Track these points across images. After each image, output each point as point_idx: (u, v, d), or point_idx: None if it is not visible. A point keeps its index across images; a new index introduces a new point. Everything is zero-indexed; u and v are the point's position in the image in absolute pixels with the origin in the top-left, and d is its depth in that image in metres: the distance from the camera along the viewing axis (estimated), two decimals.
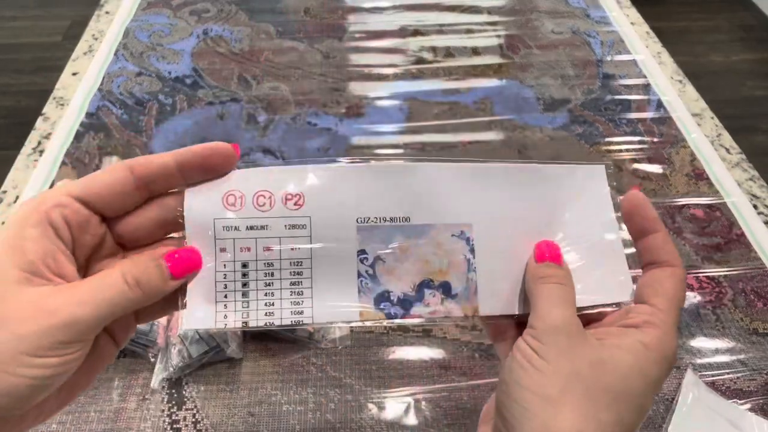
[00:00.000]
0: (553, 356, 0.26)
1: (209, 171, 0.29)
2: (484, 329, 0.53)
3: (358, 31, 0.88)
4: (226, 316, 0.28)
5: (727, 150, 0.72)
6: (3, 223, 0.56)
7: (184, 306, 0.28)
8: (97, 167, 0.67)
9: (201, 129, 0.72)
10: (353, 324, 0.29)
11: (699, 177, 0.68)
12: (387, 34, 0.88)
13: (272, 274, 0.29)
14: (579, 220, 0.32)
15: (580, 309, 0.29)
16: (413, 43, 0.86)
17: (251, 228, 0.29)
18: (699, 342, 0.53)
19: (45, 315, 0.23)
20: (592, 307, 0.31)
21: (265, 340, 0.52)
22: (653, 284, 0.30)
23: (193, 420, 0.47)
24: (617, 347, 0.27)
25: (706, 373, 0.51)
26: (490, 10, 0.94)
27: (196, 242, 0.28)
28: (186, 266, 0.28)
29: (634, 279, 0.32)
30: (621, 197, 0.32)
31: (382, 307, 0.29)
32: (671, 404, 0.49)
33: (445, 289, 0.30)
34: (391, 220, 0.30)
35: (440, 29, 0.89)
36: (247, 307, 0.29)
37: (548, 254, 0.31)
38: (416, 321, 0.30)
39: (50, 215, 0.25)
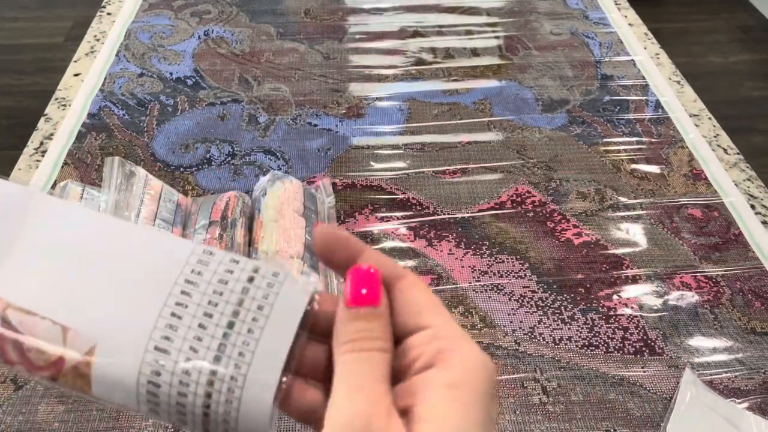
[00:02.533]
0: None
1: None
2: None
3: (359, 33, 0.89)
4: None
5: (725, 150, 0.72)
6: None
7: None
8: (99, 167, 0.67)
9: (202, 130, 0.72)
10: None
11: (697, 177, 0.68)
12: (387, 35, 0.88)
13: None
14: None
15: None
16: (413, 44, 0.87)
17: None
18: (697, 341, 0.53)
19: None
20: None
21: None
22: (408, 305, 0.23)
23: None
24: (426, 420, 0.20)
25: (705, 372, 0.51)
26: (489, 12, 0.94)
27: None
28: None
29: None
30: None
31: None
32: (670, 403, 0.49)
33: None
34: None
35: (440, 30, 0.90)
36: None
37: (366, 286, 0.23)
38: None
39: None
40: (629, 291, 0.57)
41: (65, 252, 0.24)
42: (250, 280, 0.23)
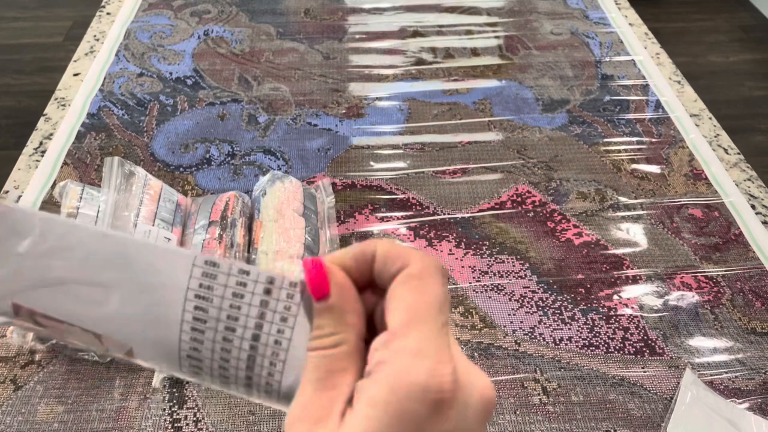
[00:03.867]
0: None
1: None
2: None
3: (358, 32, 0.89)
4: None
5: (726, 150, 0.72)
6: None
7: None
8: (98, 167, 0.67)
9: (202, 129, 0.72)
10: None
11: (697, 177, 0.68)
12: (387, 35, 0.88)
13: None
14: None
15: None
16: (413, 44, 0.87)
17: None
18: (697, 341, 0.53)
19: None
20: None
21: None
22: (391, 300, 0.22)
23: (194, 419, 0.47)
24: None
25: (705, 372, 0.51)
26: (489, 11, 0.94)
27: None
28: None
29: None
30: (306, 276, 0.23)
31: None
32: (670, 403, 0.49)
33: None
34: None
35: (440, 30, 0.90)
36: None
37: (309, 281, 0.22)
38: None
39: None
40: (629, 291, 0.57)
41: (70, 270, 0.24)
42: (267, 292, 0.23)
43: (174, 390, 0.49)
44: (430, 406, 0.19)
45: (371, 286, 0.23)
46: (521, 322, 0.54)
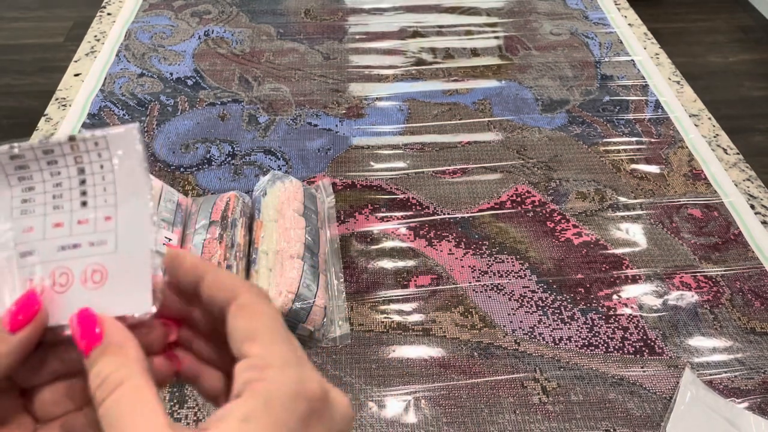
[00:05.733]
0: None
1: None
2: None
3: (358, 33, 0.89)
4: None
5: (725, 150, 0.72)
6: None
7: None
8: None
9: (202, 130, 0.72)
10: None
11: (697, 177, 0.68)
12: (387, 35, 0.88)
13: None
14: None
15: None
16: (413, 44, 0.87)
17: None
18: (697, 341, 0.53)
19: None
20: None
21: None
22: (235, 331, 0.22)
23: (195, 418, 0.47)
24: None
25: (704, 372, 0.51)
26: (489, 12, 0.94)
27: None
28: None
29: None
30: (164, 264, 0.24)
31: None
32: (669, 403, 0.49)
33: None
34: None
35: (440, 30, 0.90)
36: None
37: (81, 328, 0.22)
38: None
39: None
40: (629, 291, 0.57)
41: None
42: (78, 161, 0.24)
43: (174, 389, 0.49)
44: (304, 414, 0.20)
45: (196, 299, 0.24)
46: (521, 321, 0.54)
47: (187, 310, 0.25)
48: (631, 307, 0.56)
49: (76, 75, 0.80)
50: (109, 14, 0.91)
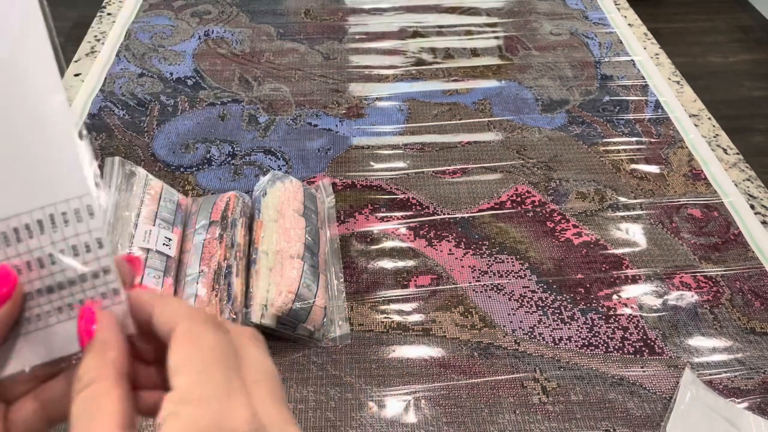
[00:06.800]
0: None
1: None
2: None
3: (358, 33, 0.89)
4: None
5: (725, 150, 0.72)
6: None
7: None
8: (99, 167, 0.67)
9: (202, 129, 0.72)
10: None
11: (696, 177, 0.68)
12: (387, 35, 0.89)
13: None
14: None
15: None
16: (413, 44, 0.87)
17: None
18: (697, 341, 0.53)
19: None
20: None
21: (265, 339, 0.52)
22: (170, 361, 0.22)
23: None
24: None
25: (704, 372, 0.51)
26: (489, 12, 0.94)
27: None
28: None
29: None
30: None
31: None
32: (669, 403, 0.49)
33: None
34: None
35: (440, 30, 0.90)
36: None
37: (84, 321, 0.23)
38: None
39: None
40: (629, 291, 0.57)
41: None
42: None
43: None
44: None
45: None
46: (521, 321, 0.54)
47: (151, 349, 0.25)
48: (631, 307, 0.56)
49: (77, 75, 0.80)
50: (109, 14, 0.91)
